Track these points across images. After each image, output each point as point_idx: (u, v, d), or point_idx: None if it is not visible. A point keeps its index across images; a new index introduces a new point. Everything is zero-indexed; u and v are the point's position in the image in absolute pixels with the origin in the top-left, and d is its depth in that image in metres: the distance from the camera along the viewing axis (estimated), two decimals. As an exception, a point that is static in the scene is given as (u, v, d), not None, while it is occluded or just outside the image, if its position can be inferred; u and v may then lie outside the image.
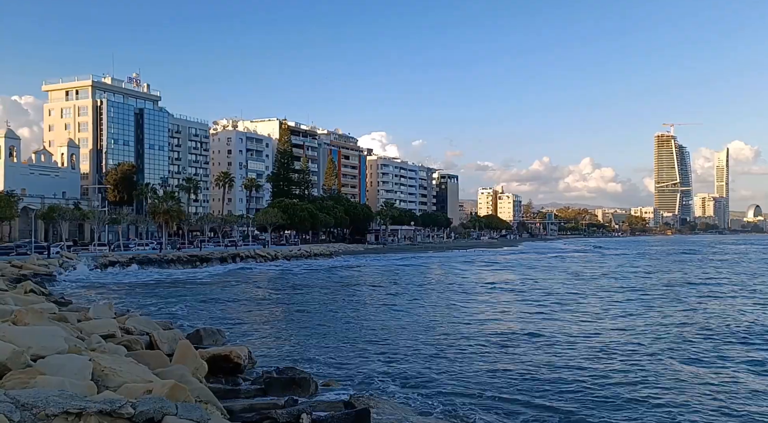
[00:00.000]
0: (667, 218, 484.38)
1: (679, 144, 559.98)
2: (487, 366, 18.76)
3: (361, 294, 41.94)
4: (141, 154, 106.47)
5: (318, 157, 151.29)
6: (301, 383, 15.09)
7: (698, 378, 17.30)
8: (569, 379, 17.12)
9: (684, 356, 20.26)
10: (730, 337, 23.89)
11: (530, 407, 14.41)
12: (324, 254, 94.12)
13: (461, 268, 73.09)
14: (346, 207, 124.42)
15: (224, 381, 15.47)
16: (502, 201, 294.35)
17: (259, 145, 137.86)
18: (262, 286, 49.17)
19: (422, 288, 46.10)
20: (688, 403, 14.78)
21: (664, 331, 25.47)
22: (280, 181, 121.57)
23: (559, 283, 49.55)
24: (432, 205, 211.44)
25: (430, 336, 24.23)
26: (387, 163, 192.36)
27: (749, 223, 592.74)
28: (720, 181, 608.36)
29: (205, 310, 32.39)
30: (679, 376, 17.53)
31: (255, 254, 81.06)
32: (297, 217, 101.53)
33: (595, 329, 25.95)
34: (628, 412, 14.10)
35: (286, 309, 34.22)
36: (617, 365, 18.84)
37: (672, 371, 18.08)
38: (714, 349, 21.50)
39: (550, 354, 20.62)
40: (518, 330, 25.77)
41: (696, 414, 14.02)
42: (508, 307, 34.14)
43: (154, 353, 14.93)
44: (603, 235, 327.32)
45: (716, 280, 52.95)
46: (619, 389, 16.04)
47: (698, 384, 16.63)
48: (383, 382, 16.50)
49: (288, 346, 21.91)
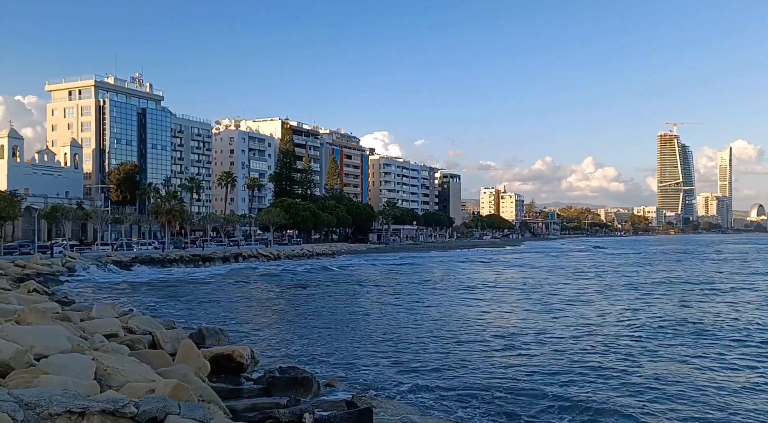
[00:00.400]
0: (670, 218, 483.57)
1: (681, 143, 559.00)
2: (490, 366, 18.74)
3: (363, 294, 41.95)
4: (144, 153, 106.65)
5: (320, 156, 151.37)
6: (303, 383, 15.10)
7: (687, 373, 17.29)
8: (572, 380, 17.10)
9: (677, 352, 20.26)
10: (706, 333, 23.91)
11: (533, 408, 14.40)
12: (326, 254, 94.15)
13: (463, 267, 73.06)
14: (349, 206, 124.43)
15: (227, 380, 15.49)
16: (504, 200, 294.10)
17: (261, 145, 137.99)
18: (264, 285, 49.21)
19: (424, 287, 46.08)
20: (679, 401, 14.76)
21: (664, 329, 25.44)
22: (283, 180, 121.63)
23: (560, 283, 49.50)
24: (434, 205, 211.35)
25: (433, 336, 24.21)
26: (389, 162, 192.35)
27: (752, 222, 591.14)
28: (723, 180, 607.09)
29: (207, 310, 32.43)
30: (667, 370, 17.53)
31: (257, 254, 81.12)
32: (299, 216, 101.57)
33: (594, 327, 25.90)
34: (638, 412, 14.08)
35: (288, 309, 34.25)
36: (620, 364, 18.80)
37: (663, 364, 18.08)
38: (694, 344, 21.48)
39: (553, 354, 20.59)
40: (520, 330, 25.74)
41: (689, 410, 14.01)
42: (510, 307, 34.11)
43: (156, 353, 14.96)
44: (606, 234, 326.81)
45: (716, 279, 52.90)
46: (626, 389, 16.02)
47: (687, 380, 16.62)
48: (386, 382, 16.50)
49: (290, 345, 21.92)
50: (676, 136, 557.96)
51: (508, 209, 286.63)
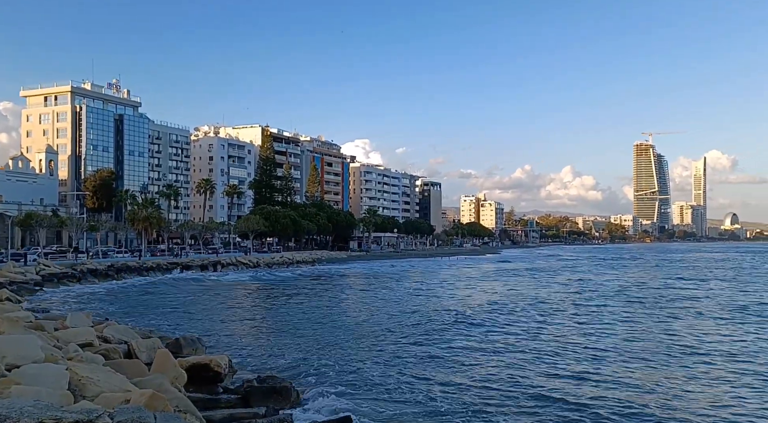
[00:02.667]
0: (646, 226, 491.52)
1: (657, 153, 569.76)
2: (473, 374, 18.83)
3: (343, 302, 41.84)
4: (120, 160, 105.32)
5: (301, 164, 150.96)
6: (282, 392, 15.01)
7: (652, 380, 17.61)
8: (551, 388, 17.27)
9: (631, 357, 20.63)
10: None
11: (512, 415, 14.51)
12: (306, 261, 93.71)
13: (442, 273, 73.29)
14: (329, 214, 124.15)
15: (204, 390, 15.32)
16: (484, 208, 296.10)
17: (241, 152, 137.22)
18: (243, 293, 48.81)
19: (405, 294, 46.06)
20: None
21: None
22: (263, 187, 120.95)
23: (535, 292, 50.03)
24: (415, 213, 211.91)
25: (414, 343, 24.24)
26: (370, 170, 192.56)
27: (726, 231, 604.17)
28: (697, 189, 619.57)
29: (184, 318, 32.06)
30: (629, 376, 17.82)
31: (236, 261, 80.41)
32: (279, 224, 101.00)
33: (566, 336, 26.22)
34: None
35: (267, 317, 34.00)
36: (596, 375, 19.05)
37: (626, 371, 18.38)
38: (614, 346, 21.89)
39: (531, 363, 20.77)
40: (500, 337, 25.93)
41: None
42: (488, 313, 34.29)
43: (132, 362, 14.76)
44: (583, 242, 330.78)
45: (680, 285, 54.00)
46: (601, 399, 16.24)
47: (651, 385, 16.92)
48: (366, 390, 16.49)
49: (269, 354, 21.77)
50: (652, 146, 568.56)
51: (489, 217, 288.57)
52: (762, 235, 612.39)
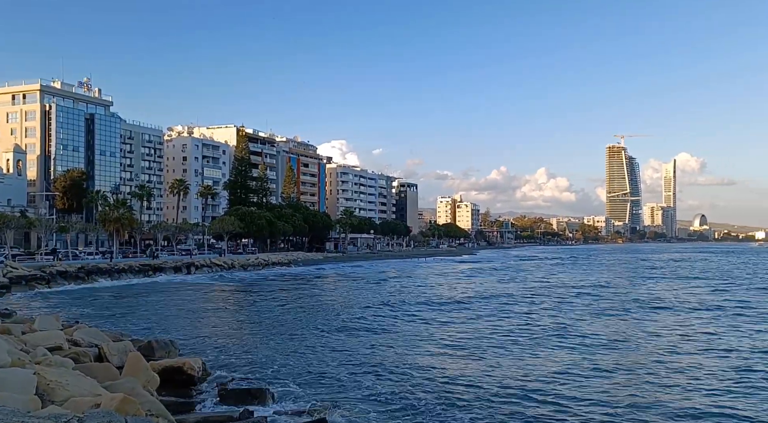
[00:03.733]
0: (618, 227, 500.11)
1: (629, 155, 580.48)
2: (444, 375, 18.93)
3: (318, 302, 41.66)
4: (91, 160, 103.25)
5: (276, 164, 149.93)
6: (257, 394, 14.91)
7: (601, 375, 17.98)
8: (523, 390, 17.46)
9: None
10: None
11: (487, 419, 14.63)
12: (282, 263, 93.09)
13: (418, 273, 73.59)
14: (305, 215, 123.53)
15: (177, 394, 15.14)
16: (460, 210, 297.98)
17: (215, 152, 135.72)
18: (217, 295, 48.27)
19: (378, 295, 46.08)
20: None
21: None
22: (238, 188, 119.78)
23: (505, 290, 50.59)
24: (392, 214, 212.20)
25: (388, 345, 24.27)
26: (347, 171, 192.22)
27: (695, 231, 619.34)
28: (668, 191, 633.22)
29: (157, 321, 31.56)
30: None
31: (211, 263, 79.48)
32: (254, 225, 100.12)
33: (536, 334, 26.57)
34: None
35: (242, 319, 33.67)
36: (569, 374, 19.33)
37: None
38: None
39: (505, 364, 20.98)
40: (472, 338, 26.11)
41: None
42: (459, 314, 34.54)
43: (103, 366, 14.51)
44: (557, 243, 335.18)
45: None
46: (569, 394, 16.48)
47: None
48: (340, 392, 16.45)
49: (244, 356, 21.57)
50: (624, 148, 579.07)
51: (465, 218, 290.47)
52: (729, 236, 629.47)
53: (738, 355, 21.90)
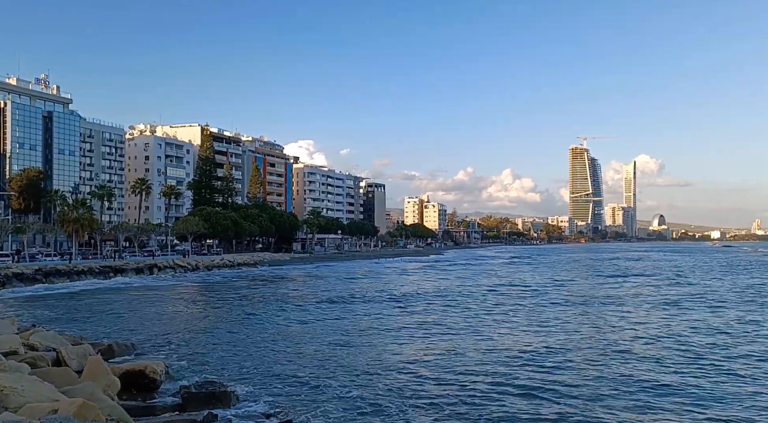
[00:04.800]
0: (581, 227, 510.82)
1: (591, 157, 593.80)
2: (410, 373, 19.06)
3: (283, 303, 41.33)
4: (49, 159, 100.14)
5: (242, 164, 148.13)
6: (221, 397, 14.74)
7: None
8: (477, 387, 17.71)
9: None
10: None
11: (453, 418, 14.80)
12: (248, 263, 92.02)
13: (385, 274, 73.73)
14: (272, 215, 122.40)
15: (139, 397, 14.87)
16: (428, 210, 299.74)
17: (179, 151, 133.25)
18: (181, 297, 47.42)
19: (343, 294, 46.02)
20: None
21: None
22: (202, 188, 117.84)
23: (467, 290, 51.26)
24: (359, 214, 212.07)
25: (352, 344, 24.30)
26: (314, 171, 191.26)
27: (654, 231, 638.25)
28: (628, 191, 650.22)
29: (119, 324, 30.85)
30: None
31: (174, 264, 77.99)
32: (220, 225, 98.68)
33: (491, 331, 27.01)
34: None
35: (206, 320, 33.18)
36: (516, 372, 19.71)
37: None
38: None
39: (471, 360, 21.24)
40: (436, 339, 26.35)
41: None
42: (421, 312, 34.82)
43: (61, 370, 14.14)
44: (523, 243, 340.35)
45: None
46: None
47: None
48: (306, 394, 16.39)
49: (208, 358, 21.29)
50: (587, 150, 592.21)
51: (432, 218, 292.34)
52: (686, 236, 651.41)
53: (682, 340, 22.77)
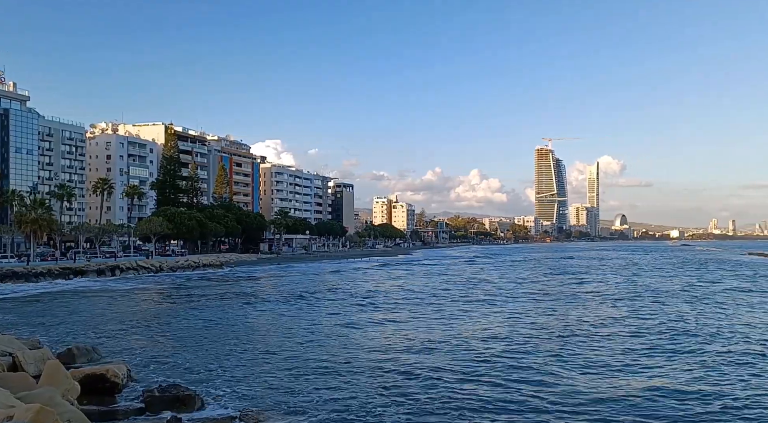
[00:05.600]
0: (546, 226, 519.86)
1: (556, 157, 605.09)
2: (376, 374, 19.09)
3: (250, 305, 40.89)
4: (6, 158, 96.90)
5: (208, 163, 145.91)
6: (185, 400, 14.52)
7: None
8: (442, 386, 17.89)
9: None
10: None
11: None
12: (213, 265, 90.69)
13: (352, 274, 73.60)
14: (238, 216, 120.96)
15: (100, 402, 14.54)
16: (396, 210, 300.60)
17: (142, 151, 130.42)
18: (144, 299, 46.44)
19: (312, 297, 45.79)
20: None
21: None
22: (166, 188, 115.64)
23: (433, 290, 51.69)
24: (328, 214, 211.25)
25: (318, 348, 24.15)
26: (281, 171, 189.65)
27: (616, 231, 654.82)
28: (591, 192, 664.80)
29: (79, 327, 30.03)
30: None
31: (137, 266, 76.31)
32: (184, 226, 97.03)
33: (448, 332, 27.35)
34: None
35: (170, 323, 32.57)
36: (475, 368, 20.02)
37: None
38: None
39: (432, 363, 21.40)
40: (404, 340, 26.47)
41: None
42: (391, 314, 34.93)
43: (17, 375, 13.71)
44: (490, 243, 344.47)
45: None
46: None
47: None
48: (273, 396, 16.27)
49: (172, 361, 20.91)
50: (552, 151, 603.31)
51: (400, 218, 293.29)
52: (647, 235, 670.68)
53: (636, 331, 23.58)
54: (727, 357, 21.23)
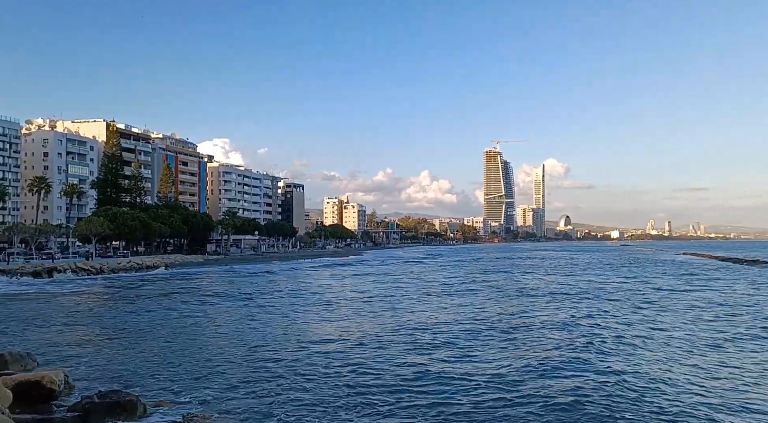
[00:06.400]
0: (494, 227, 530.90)
1: (504, 160, 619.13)
2: (322, 380, 19.01)
3: (195, 307, 39.92)
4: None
5: (152, 162, 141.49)
6: (127, 406, 14.05)
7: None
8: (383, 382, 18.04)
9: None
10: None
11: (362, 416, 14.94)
12: (158, 266, 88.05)
13: (301, 274, 73.00)
14: (184, 216, 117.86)
15: (35, 410, 13.90)
16: (347, 210, 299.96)
17: (82, 148, 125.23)
18: (84, 302, 44.58)
19: (259, 298, 45.16)
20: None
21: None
22: (108, 187, 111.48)
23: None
24: (277, 214, 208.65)
25: (265, 349, 23.84)
26: (230, 170, 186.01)
27: (561, 231, 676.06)
28: (537, 193, 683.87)
29: (13, 333, 28.55)
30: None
31: (76, 268, 73.16)
32: (126, 226, 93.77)
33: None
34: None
35: (110, 326, 31.41)
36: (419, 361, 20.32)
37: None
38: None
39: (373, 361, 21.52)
40: (354, 338, 26.49)
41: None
42: (338, 313, 34.91)
43: (-58, 385, 12.91)
44: (440, 243, 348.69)
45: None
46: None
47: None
48: (217, 401, 15.96)
49: (113, 366, 20.21)
50: (500, 153, 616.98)
51: (351, 219, 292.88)
52: (590, 235, 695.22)
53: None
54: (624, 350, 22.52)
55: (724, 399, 15.86)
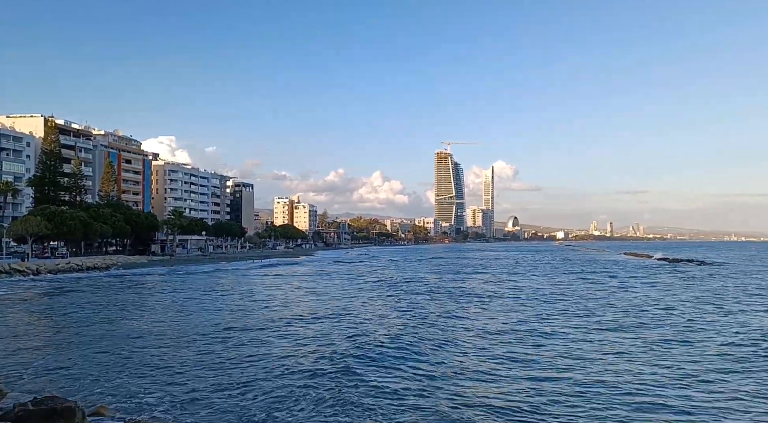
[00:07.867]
0: (445, 228, 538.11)
1: (455, 161, 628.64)
2: (271, 382, 18.86)
3: (136, 309, 38.75)
4: None
5: (93, 160, 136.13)
6: (64, 413, 13.48)
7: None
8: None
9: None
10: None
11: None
12: (99, 267, 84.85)
13: (248, 275, 72.01)
14: (127, 215, 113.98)
15: (-39, 420, 13.14)
16: (298, 211, 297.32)
17: (17, 144, 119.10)
18: (16, 305, 42.48)
19: (203, 298, 44.25)
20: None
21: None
22: (45, 185, 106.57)
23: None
24: (226, 214, 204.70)
25: (211, 352, 23.44)
26: (176, 169, 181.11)
27: (509, 232, 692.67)
28: (486, 195, 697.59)
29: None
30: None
31: (10, 269, 69.62)
32: (66, 226, 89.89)
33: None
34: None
35: (48, 330, 30.11)
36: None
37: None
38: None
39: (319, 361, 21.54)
40: (298, 335, 26.39)
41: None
42: (287, 311, 34.68)
43: None
44: (391, 243, 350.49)
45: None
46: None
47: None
48: (160, 406, 15.57)
49: (50, 372, 19.40)
50: (450, 155, 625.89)
51: (302, 219, 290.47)
52: (536, 236, 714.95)
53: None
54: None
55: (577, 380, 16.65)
